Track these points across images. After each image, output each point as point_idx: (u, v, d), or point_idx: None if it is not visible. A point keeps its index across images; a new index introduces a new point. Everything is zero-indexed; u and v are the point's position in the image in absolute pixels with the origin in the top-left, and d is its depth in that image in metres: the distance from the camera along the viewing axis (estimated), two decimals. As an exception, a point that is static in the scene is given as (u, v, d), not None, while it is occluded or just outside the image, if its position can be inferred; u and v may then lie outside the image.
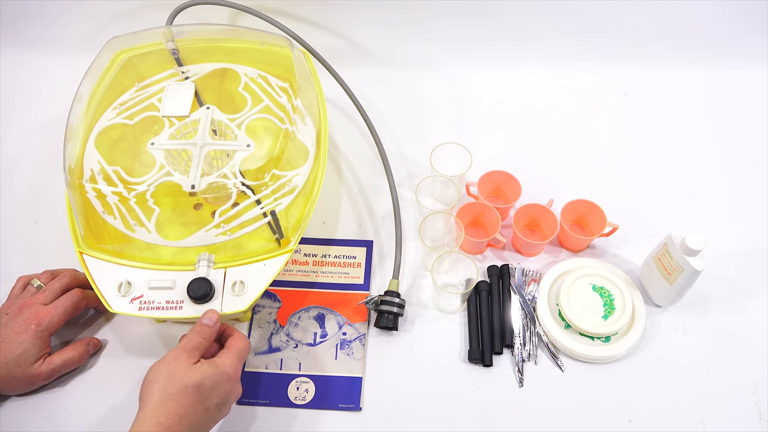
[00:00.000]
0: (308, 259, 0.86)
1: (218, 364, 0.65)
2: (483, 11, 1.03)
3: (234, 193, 0.73)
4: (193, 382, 0.62)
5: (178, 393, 0.61)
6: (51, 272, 0.78)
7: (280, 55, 0.86)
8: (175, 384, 0.61)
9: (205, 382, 0.63)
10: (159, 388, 0.61)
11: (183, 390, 0.61)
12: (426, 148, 0.90)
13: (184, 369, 0.63)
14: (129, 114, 0.81)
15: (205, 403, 0.62)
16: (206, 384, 0.63)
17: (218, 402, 0.64)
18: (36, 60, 1.08)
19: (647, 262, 0.82)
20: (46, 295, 0.74)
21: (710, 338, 0.80)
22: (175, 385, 0.61)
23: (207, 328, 0.67)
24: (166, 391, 0.61)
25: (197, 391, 0.62)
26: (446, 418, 0.74)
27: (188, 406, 0.61)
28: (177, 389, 0.61)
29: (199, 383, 0.62)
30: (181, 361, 0.63)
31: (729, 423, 0.74)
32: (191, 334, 0.66)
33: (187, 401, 0.61)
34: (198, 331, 0.67)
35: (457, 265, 0.82)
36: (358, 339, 0.79)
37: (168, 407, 0.60)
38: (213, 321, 0.68)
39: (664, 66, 1.07)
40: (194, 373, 0.63)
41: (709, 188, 0.94)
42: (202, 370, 0.63)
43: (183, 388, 0.61)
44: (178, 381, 0.62)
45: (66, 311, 0.73)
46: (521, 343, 0.79)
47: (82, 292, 0.76)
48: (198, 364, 0.64)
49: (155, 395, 0.61)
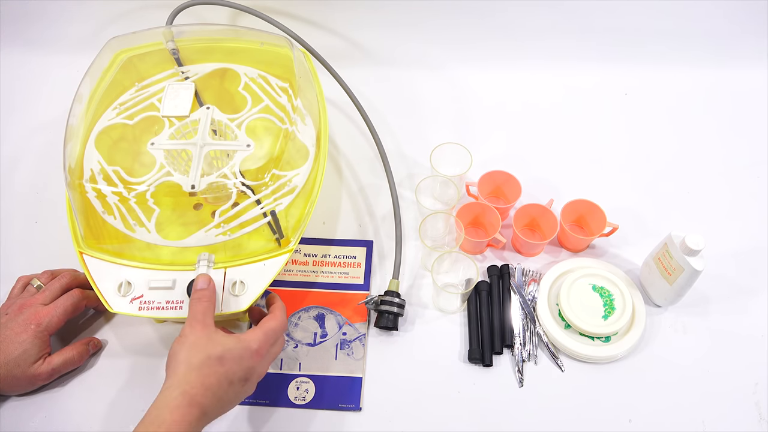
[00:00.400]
0: (308, 259, 0.86)
1: (242, 339, 0.65)
2: (483, 11, 1.03)
3: (234, 193, 0.73)
4: (216, 353, 0.62)
5: (202, 363, 0.61)
6: (51, 272, 0.78)
7: (280, 55, 0.86)
8: (198, 354, 0.61)
9: (227, 354, 0.62)
10: (183, 359, 0.61)
11: (206, 360, 0.61)
12: (426, 148, 0.90)
13: (205, 339, 0.63)
14: (129, 114, 0.81)
15: (228, 375, 0.62)
16: (228, 356, 0.62)
17: (242, 376, 0.63)
18: (36, 60, 1.08)
19: (647, 262, 0.82)
20: (45, 295, 0.74)
21: (710, 338, 0.80)
22: (198, 355, 0.61)
23: (203, 291, 0.67)
24: (190, 362, 0.61)
25: (220, 363, 0.62)
26: (446, 418, 0.74)
27: (212, 377, 0.61)
28: (200, 359, 0.61)
29: (222, 355, 0.62)
30: (197, 331, 0.63)
31: (729, 423, 0.74)
32: (192, 303, 0.66)
33: (211, 371, 0.61)
34: (197, 298, 0.66)
35: (457, 265, 0.82)
36: (358, 339, 0.79)
37: (192, 377, 0.60)
38: (206, 283, 0.67)
39: (664, 66, 1.07)
40: (216, 344, 0.62)
41: (709, 188, 0.94)
42: (224, 342, 0.63)
43: (206, 359, 0.61)
44: (201, 351, 0.61)
45: (66, 311, 0.73)
46: (521, 343, 0.79)
47: (82, 292, 0.76)
48: (220, 335, 0.64)
49: (180, 365, 0.61)
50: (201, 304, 0.66)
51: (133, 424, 0.59)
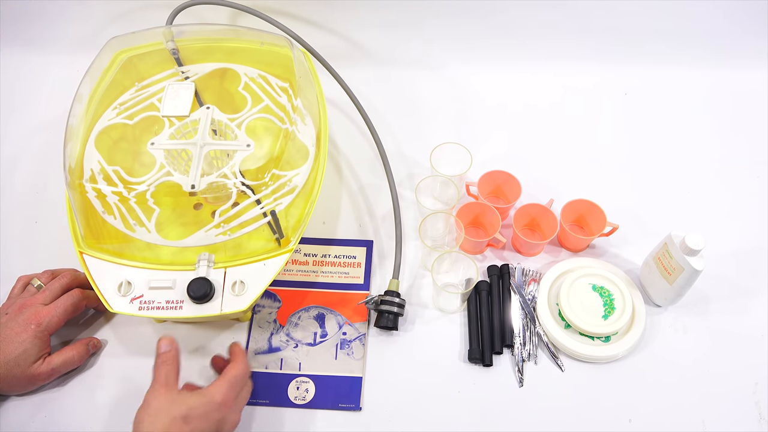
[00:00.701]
0: (308, 259, 0.86)
1: (205, 394, 0.64)
2: (483, 11, 1.03)
3: (234, 193, 0.73)
4: (180, 414, 0.61)
5: (165, 427, 0.60)
6: (51, 272, 0.78)
7: (280, 55, 0.86)
8: (161, 418, 0.61)
9: (191, 413, 0.62)
10: (146, 427, 0.60)
11: (171, 422, 0.61)
12: (426, 148, 0.90)
13: (168, 402, 0.62)
14: (129, 114, 0.81)
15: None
16: (193, 414, 0.62)
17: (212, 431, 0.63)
18: (36, 60, 1.08)
19: (647, 262, 0.82)
20: (46, 295, 0.74)
21: (710, 338, 0.80)
22: (162, 419, 0.61)
23: (167, 355, 0.66)
24: (154, 427, 0.60)
25: (185, 422, 0.61)
26: (446, 418, 0.74)
27: None
28: (164, 423, 0.61)
29: (186, 414, 0.62)
30: (160, 396, 0.63)
31: (729, 423, 0.74)
32: (156, 367, 0.66)
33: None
34: (161, 361, 0.66)
35: (457, 265, 0.82)
36: (358, 339, 0.79)
37: None
38: (168, 345, 0.67)
39: (664, 66, 1.07)
40: (179, 404, 0.62)
41: (709, 188, 0.94)
42: (187, 402, 0.63)
43: (171, 421, 0.61)
44: (163, 415, 0.61)
45: (66, 311, 0.73)
46: (521, 343, 0.79)
47: (82, 292, 0.76)
48: (184, 394, 0.64)
49: None
50: (164, 367, 0.66)
51: (133, 424, 0.60)
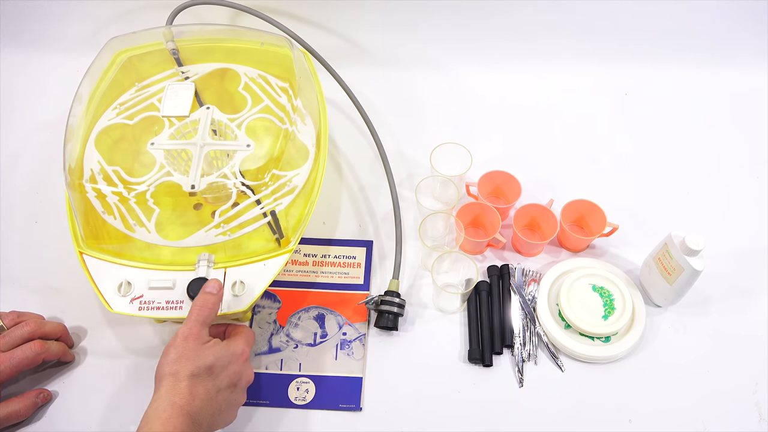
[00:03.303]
0: (308, 259, 0.86)
1: (228, 346, 0.65)
2: (483, 12, 1.03)
3: (234, 193, 0.73)
4: (206, 364, 0.62)
5: (191, 374, 0.61)
6: (17, 314, 0.75)
7: (280, 55, 0.86)
8: (187, 366, 0.62)
9: (216, 362, 0.63)
10: (171, 371, 0.61)
11: (195, 371, 0.62)
12: (426, 148, 0.90)
13: (195, 351, 0.63)
14: (129, 114, 0.81)
15: (216, 382, 0.63)
16: (218, 364, 0.63)
17: (229, 382, 0.64)
18: (36, 60, 1.08)
19: (647, 262, 0.82)
20: (5, 341, 0.71)
21: (710, 338, 0.80)
22: (188, 366, 0.62)
23: (210, 297, 0.66)
24: (179, 374, 0.61)
25: (209, 372, 0.62)
26: (446, 419, 0.74)
27: (200, 386, 0.62)
28: (189, 371, 0.61)
29: (211, 364, 0.63)
30: (189, 343, 0.63)
31: (729, 423, 0.74)
32: (195, 308, 0.65)
33: (199, 381, 0.62)
34: (202, 303, 0.66)
35: (457, 265, 0.82)
36: (359, 339, 0.79)
37: (181, 388, 0.61)
38: (216, 288, 0.67)
39: (664, 66, 1.07)
40: (206, 354, 0.63)
41: (709, 188, 0.94)
42: (213, 351, 0.64)
43: (195, 369, 0.62)
44: (190, 363, 0.62)
45: (20, 364, 0.70)
46: (521, 343, 0.79)
47: (42, 345, 0.72)
48: (209, 344, 0.64)
49: (168, 378, 0.61)
50: (204, 311, 0.66)
51: (133, 424, 0.60)
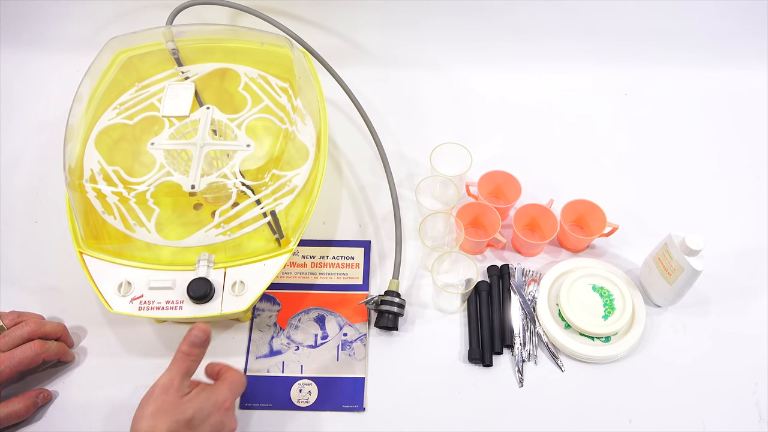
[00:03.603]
0: (306, 261, 0.86)
1: (209, 396, 0.63)
2: (483, 12, 1.03)
3: (234, 193, 0.73)
4: (185, 417, 0.60)
5: (168, 430, 0.59)
6: (17, 314, 0.74)
7: (280, 55, 0.86)
8: (164, 421, 0.60)
9: (197, 414, 0.61)
10: (148, 427, 0.59)
11: (173, 426, 0.60)
12: (426, 148, 0.89)
13: (174, 405, 0.61)
14: (129, 114, 0.81)
15: None
16: (198, 416, 0.61)
17: None
18: (36, 60, 1.08)
19: (647, 262, 0.82)
20: (5, 342, 0.70)
21: (710, 338, 0.80)
22: (165, 422, 0.60)
23: (194, 349, 0.64)
24: (156, 430, 0.59)
25: (188, 425, 0.60)
26: (446, 419, 0.74)
27: None
28: (167, 426, 0.59)
29: (191, 417, 0.61)
30: (168, 395, 0.61)
31: (729, 423, 0.74)
32: (178, 357, 0.63)
33: None
34: (186, 353, 0.63)
35: (457, 265, 0.82)
36: (359, 339, 0.79)
37: None
38: (202, 338, 0.64)
39: (664, 66, 1.07)
40: (185, 408, 0.61)
41: (709, 188, 0.94)
42: (193, 403, 0.62)
43: (174, 424, 0.60)
44: (168, 417, 0.60)
45: (20, 364, 0.70)
46: (521, 343, 0.79)
47: (42, 345, 0.71)
48: (189, 396, 0.62)
49: None
50: (186, 362, 0.63)
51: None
